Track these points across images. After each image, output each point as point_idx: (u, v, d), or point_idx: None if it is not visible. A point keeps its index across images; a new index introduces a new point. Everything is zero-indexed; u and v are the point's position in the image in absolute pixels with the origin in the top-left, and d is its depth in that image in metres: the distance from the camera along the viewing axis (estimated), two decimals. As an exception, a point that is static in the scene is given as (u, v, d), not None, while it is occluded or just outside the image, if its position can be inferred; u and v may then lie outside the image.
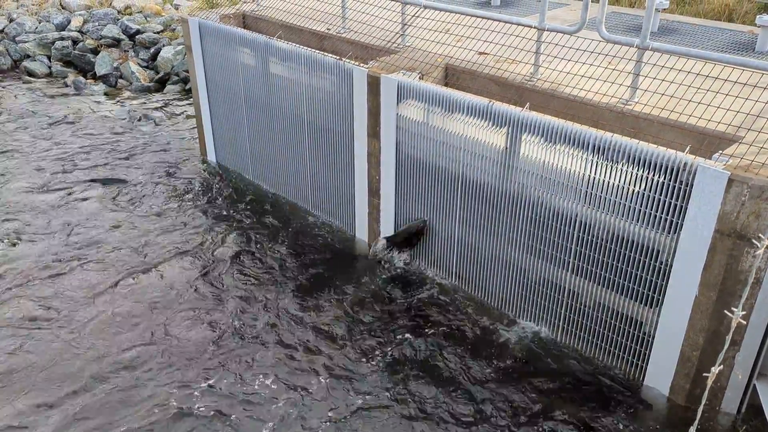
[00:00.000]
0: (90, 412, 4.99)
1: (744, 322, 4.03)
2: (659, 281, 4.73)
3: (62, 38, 13.16)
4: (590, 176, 4.88)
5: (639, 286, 4.87)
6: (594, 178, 4.87)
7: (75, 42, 13.17)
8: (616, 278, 4.98)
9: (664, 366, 4.91)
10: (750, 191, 4.11)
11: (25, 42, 13.27)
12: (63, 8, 14.63)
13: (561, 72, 5.62)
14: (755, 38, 6.83)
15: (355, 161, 6.70)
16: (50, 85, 12.23)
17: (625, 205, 4.76)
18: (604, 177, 4.80)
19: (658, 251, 4.67)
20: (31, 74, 12.70)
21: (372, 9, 6.98)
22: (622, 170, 4.69)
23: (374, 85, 6.12)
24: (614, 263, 4.95)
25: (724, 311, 4.38)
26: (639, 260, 4.80)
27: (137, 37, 13.01)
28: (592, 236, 5.02)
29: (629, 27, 7.51)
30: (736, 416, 4.71)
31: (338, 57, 6.54)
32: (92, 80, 12.41)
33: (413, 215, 6.35)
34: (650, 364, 5.01)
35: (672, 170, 4.43)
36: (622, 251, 4.87)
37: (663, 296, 4.74)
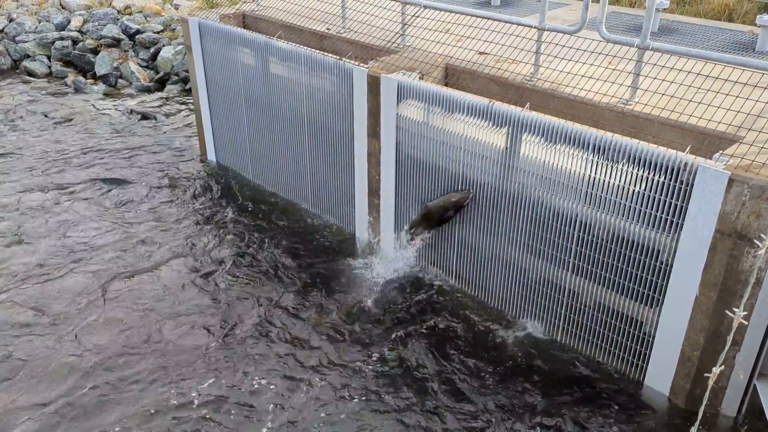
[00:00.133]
0: (86, 414, 4.97)
1: (745, 323, 4.03)
2: (659, 281, 4.73)
3: (62, 38, 13.16)
4: (590, 176, 4.88)
5: (639, 286, 4.87)
6: (594, 178, 4.87)
7: (75, 42, 13.17)
8: (617, 278, 4.98)
9: (665, 366, 4.90)
10: (750, 191, 4.11)
11: (25, 42, 13.27)
12: (63, 8, 14.63)
13: (561, 72, 5.62)
14: (755, 38, 6.83)
15: (355, 161, 6.69)
16: (50, 85, 12.23)
17: (626, 205, 4.76)
18: (605, 177, 4.80)
19: (659, 251, 4.67)
20: (31, 74, 12.69)
21: (372, 9, 6.98)
22: (623, 170, 4.68)
23: (374, 85, 6.12)
24: (615, 263, 4.95)
25: (726, 311, 4.38)
26: (639, 260, 4.80)
27: (137, 37, 13.01)
28: (593, 236, 5.02)
29: (629, 27, 7.51)
30: (737, 416, 4.71)
31: (338, 57, 6.54)
32: (92, 80, 12.40)
33: (413, 215, 6.35)
34: (650, 364, 5.01)
35: (672, 170, 4.43)
36: (623, 251, 4.87)
37: (663, 296, 4.73)
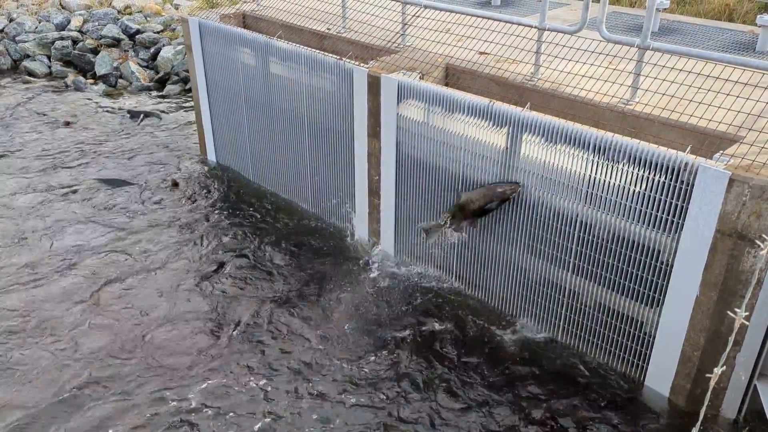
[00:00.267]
0: (81, 416, 4.95)
1: (747, 323, 4.03)
2: (660, 281, 4.73)
3: (62, 38, 13.15)
4: (591, 176, 4.88)
5: (640, 286, 4.87)
6: (595, 178, 4.86)
7: (75, 42, 13.16)
8: (617, 278, 4.98)
9: (665, 366, 4.90)
10: (751, 191, 4.10)
11: (25, 42, 13.26)
12: (63, 8, 14.62)
13: (562, 72, 5.61)
14: (756, 38, 6.83)
15: (355, 161, 6.69)
16: (50, 85, 12.22)
17: (626, 205, 4.76)
18: (605, 177, 4.80)
19: (659, 251, 4.67)
20: (31, 74, 12.69)
21: (372, 9, 6.97)
22: (623, 170, 4.68)
23: (374, 85, 6.12)
24: (615, 263, 4.95)
25: (727, 312, 4.37)
26: (640, 260, 4.79)
27: (137, 37, 13.00)
28: (593, 236, 5.02)
29: (630, 27, 7.51)
30: (737, 417, 4.71)
31: (338, 57, 6.53)
32: (92, 80, 12.40)
33: (413, 215, 6.34)
34: (651, 365, 5.00)
35: (673, 170, 4.43)
36: (623, 251, 4.86)
37: (664, 296, 4.73)
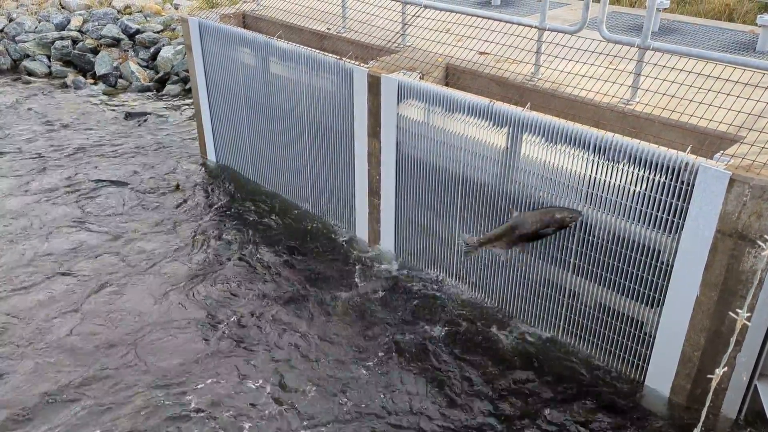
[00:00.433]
0: (77, 419, 4.94)
1: (749, 324, 4.02)
2: (660, 281, 4.73)
3: (62, 38, 13.15)
4: (591, 176, 4.87)
5: (640, 287, 4.87)
6: (595, 178, 4.86)
7: (75, 42, 13.16)
8: (617, 278, 4.97)
9: (665, 366, 4.90)
10: (751, 191, 4.10)
11: (25, 42, 13.26)
12: (63, 8, 14.62)
13: (562, 72, 5.61)
14: (756, 38, 6.83)
15: (356, 161, 6.69)
16: (50, 85, 12.21)
17: (626, 206, 4.75)
18: (605, 177, 4.80)
19: (660, 251, 4.67)
20: (31, 74, 12.68)
21: (372, 9, 6.97)
22: (623, 170, 4.68)
23: (374, 85, 6.11)
24: (615, 263, 4.95)
25: (729, 313, 4.37)
26: (640, 260, 4.79)
27: (137, 37, 12.99)
28: (593, 236, 5.01)
29: (630, 27, 7.50)
30: (737, 417, 4.70)
31: (338, 57, 6.53)
32: (92, 80, 12.39)
33: (413, 215, 6.34)
34: (651, 365, 5.00)
35: (673, 170, 4.42)
36: (623, 251, 4.86)
37: (664, 296, 4.73)
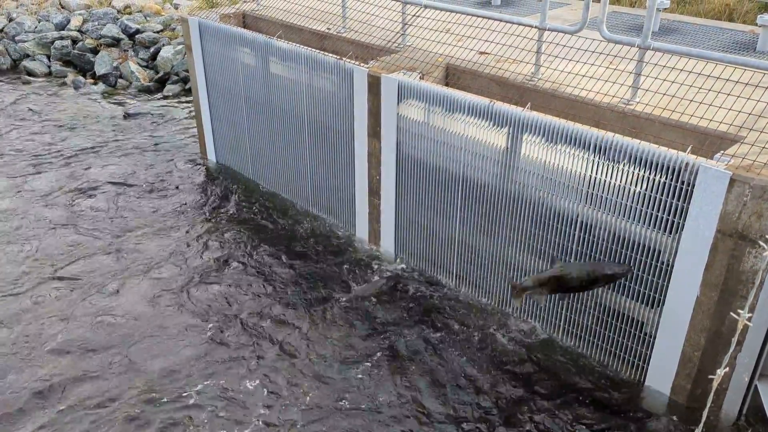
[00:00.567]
0: (74, 421, 4.93)
1: (750, 324, 4.02)
2: (660, 281, 4.72)
3: (62, 38, 13.14)
4: (591, 176, 4.87)
5: (640, 287, 4.86)
6: (595, 179, 4.86)
7: (74, 41, 13.15)
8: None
9: (666, 366, 4.90)
10: (752, 191, 4.10)
11: (25, 41, 13.25)
12: (62, 7, 14.61)
13: (562, 72, 5.61)
14: (756, 38, 6.82)
15: (356, 161, 6.69)
16: (50, 85, 12.21)
17: (627, 206, 4.75)
18: (606, 177, 4.79)
19: (660, 251, 4.67)
20: (31, 74, 12.68)
21: (372, 8, 6.97)
22: (624, 170, 4.68)
23: (375, 85, 6.11)
24: (615, 263, 4.95)
25: (731, 313, 4.36)
26: (640, 260, 4.79)
27: (137, 37, 12.99)
28: (594, 237, 5.01)
29: (630, 27, 7.50)
30: (738, 417, 4.71)
31: (338, 57, 6.53)
32: (92, 80, 12.39)
33: (413, 215, 6.34)
34: (651, 365, 5.00)
35: (673, 170, 4.42)
36: (624, 252, 4.86)
37: (664, 296, 4.73)
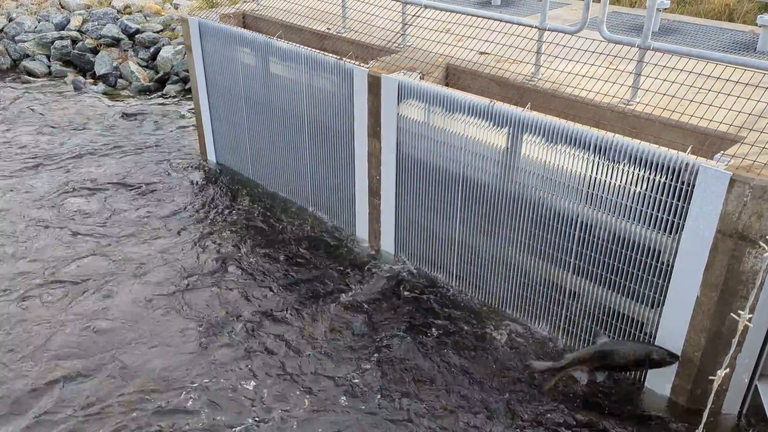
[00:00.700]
0: (65, 421, 4.92)
1: (751, 325, 4.02)
2: (660, 282, 4.72)
3: (62, 38, 13.13)
4: (591, 176, 4.87)
5: (640, 287, 4.86)
6: (595, 179, 4.86)
7: (74, 41, 13.15)
8: (618, 279, 4.97)
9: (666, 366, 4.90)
10: (752, 192, 4.10)
11: (25, 41, 13.25)
12: (62, 7, 14.60)
13: (562, 72, 5.61)
14: (756, 38, 6.83)
15: (356, 161, 6.68)
16: (50, 85, 12.21)
17: (627, 206, 4.75)
18: (606, 177, 4.79)
19: (660, 252, 4.66)
20: (31, 74, 12.67)
21: (372, 9, 6.97)
22: (624, 170, 4.68)
23: (375, 85, 6.11)
24: (615, 264, 4.94)
25: (731, 314, 4.36)
26: (640, 261, 4.79)
27: (137, 37, 12.98)
28: (594, 237, 5.01)
29: (630, 27, 7.50)
30: (738, 417, 4.71)
31: (338, 57, 6.53)
32: (92, 80, 12.38)
33: (413, 215, 6.34)
34: (651, 365, 5.00)
35: (673, 170, 4.42)
36: (624, 252, 4.86)
37: (664, 297, 4.73)
